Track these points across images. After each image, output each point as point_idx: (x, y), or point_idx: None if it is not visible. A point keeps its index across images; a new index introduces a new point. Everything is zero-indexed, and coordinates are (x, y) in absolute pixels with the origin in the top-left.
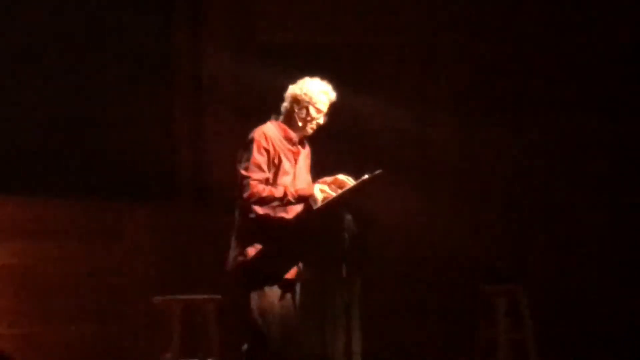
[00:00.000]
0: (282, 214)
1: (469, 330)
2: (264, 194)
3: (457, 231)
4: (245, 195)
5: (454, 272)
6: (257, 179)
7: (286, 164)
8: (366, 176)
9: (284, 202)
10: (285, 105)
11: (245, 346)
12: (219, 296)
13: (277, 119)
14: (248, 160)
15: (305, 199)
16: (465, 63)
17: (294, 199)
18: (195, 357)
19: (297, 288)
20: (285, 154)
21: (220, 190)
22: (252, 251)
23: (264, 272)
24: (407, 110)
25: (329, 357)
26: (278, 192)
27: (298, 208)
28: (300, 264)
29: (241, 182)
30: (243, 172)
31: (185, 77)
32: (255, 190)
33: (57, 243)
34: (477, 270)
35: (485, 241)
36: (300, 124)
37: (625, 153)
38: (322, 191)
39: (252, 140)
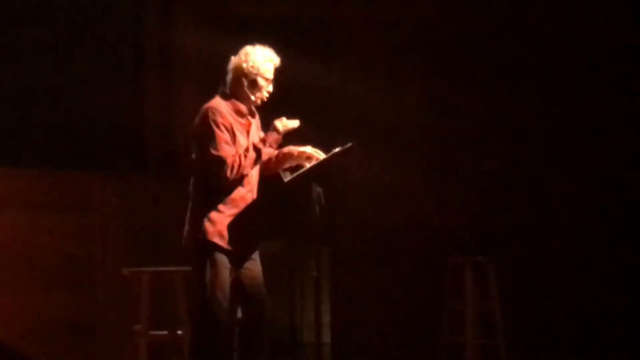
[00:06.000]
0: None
1: (437, 301)
2: (244, 163)
3: (426, 202)
4: (228, 174)
5: (422, 243)
6: (231, 155)
7: (240, 138)
8: (337, 149)
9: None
10: (230, 77)
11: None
12: (188, 268)
13: (224, 93)
14: (215, 139)
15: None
16: (434, 34)
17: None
18: (164, 328)
19: (256, 259)
20: (237, 128)
21: None
22: (208, 224)
23: (220, 243)
24: (376, 80)
25: (297, 328)
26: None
27: (254, 181)
28: (257, 235)
29: (218, 162)
30: (215, 152)
31: (155, 48)
32: (236, 165)
33: (25, 214)
34: (445, 241)
35: (454, 212)
36: (251, 96)
37: (599, 127)
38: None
39: (207, 118)
